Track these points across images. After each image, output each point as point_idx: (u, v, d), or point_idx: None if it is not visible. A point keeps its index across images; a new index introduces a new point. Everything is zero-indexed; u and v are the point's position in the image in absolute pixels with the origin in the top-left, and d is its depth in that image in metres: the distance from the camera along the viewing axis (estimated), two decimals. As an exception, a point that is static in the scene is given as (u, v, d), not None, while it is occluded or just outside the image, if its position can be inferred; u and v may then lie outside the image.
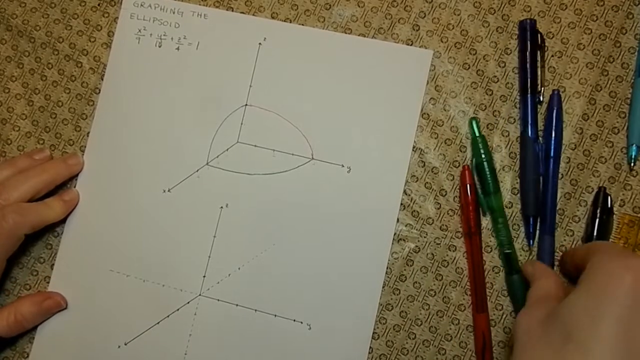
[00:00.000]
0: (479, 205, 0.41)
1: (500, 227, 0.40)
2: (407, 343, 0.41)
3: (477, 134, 0.41)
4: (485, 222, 0.41)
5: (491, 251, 0.41)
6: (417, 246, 0.41)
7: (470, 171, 0.41)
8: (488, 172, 0.40)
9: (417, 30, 0.43)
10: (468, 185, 0.40)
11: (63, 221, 0.43)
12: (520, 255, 0.41)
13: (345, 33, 0.43)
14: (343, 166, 0.42)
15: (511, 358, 0.32)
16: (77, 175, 0.44)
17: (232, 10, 0.44)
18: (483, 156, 0.41)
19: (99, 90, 0.44)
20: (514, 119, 0.42)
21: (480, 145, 0.41)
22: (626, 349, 0.28)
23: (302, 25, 0.44)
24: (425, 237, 0.42)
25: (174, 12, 0.45)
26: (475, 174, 0.41)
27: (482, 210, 0.41)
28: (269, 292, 0.41)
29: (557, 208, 0.41)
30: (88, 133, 0.44)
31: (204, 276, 0.42)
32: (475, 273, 0.40)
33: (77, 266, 0.43)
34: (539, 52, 0.41)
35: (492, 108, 0.42)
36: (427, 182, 0.42)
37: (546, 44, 0.42)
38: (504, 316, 0.40)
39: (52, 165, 0.42)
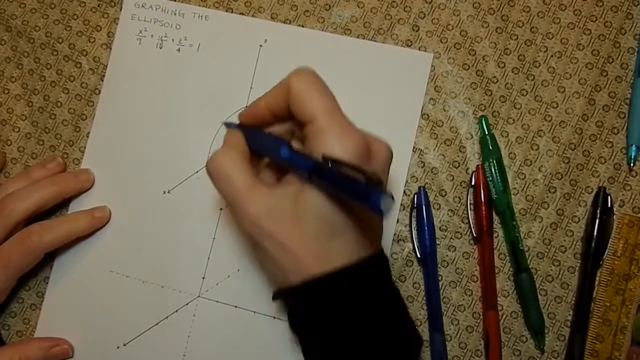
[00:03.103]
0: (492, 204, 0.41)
1: (514, 224, 0.40)
2: (407, 344, 0.41)
3: (487, 132, 0.41)
4: (485, 222, 0.41)
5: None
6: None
7: (484, 170, 0.41)
8: (499, 171, 0.40)
9: (416, 31, 0.43)
10: (481, 185, 0.40)
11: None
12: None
13: (345, 34, 0.43)
14: (343, 167, 0.42)
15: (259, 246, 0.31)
16: (86, 191, 0.43)
17: (232, 11, 0.44)
18: (495, 154, 0.40)
19: (99, 90, 0.44)
20: (513, 119, 0.42)
21: (490, 144, 0.41)
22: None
23: (302, 26, 0.44)
24: (425, 237, 0.41)
25: (175, 14, 0.45)
26: (487, 172, 0.41)
27: (494, 208, 0.41)
28: (268, 293, 0.41)
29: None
30: (88, 134, 0.44)
31: (203, 277, 0.42)
32: (486, 272, 0.40)
33: (77, 267, 0.42)
34: None
35: (491, 108, 0.42)
36: (426, 183, 0.42)
37: (547, 46, 0.42)
38: (504, 317, 0.40)
39: (62, 178, 0.42)
